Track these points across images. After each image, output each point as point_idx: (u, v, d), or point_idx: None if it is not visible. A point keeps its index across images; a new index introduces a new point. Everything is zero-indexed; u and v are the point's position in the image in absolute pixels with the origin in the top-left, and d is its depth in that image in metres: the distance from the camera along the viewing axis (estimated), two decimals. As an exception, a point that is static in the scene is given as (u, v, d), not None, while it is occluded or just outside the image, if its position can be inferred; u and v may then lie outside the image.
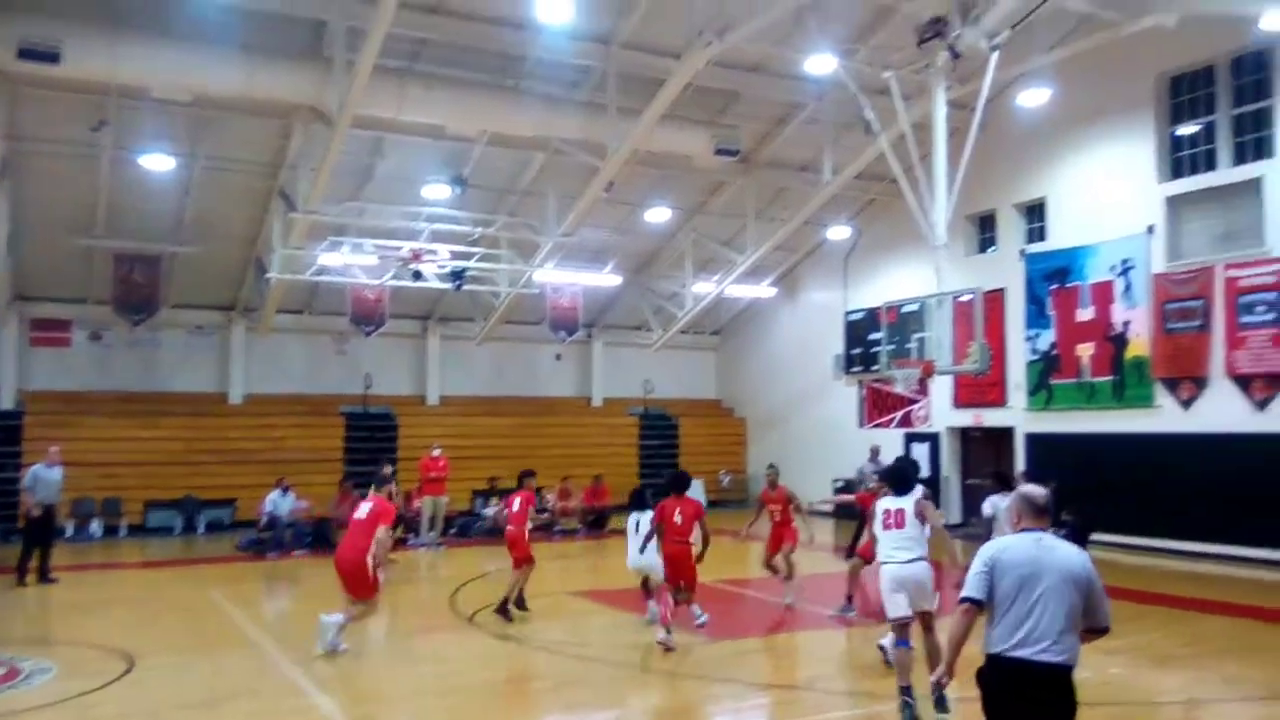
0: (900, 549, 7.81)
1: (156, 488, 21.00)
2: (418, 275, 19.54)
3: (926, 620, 7.76)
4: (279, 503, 18.48)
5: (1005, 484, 11.75)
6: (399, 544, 19.11)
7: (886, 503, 8.09)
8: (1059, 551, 4.69)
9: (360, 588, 9.78)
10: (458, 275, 19.88)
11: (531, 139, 18.45)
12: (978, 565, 4.74)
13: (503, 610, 11.39)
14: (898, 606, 7.67)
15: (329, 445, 22.74)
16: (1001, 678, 4.56)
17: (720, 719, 7.97)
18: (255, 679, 8.94)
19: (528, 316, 24.94)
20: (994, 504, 11.49)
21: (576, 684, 8.88)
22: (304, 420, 23.01)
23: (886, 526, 7.95)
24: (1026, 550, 4.68)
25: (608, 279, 24.25)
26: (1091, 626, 4.68)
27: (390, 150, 18.66)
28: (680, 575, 10.32)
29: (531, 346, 26.48)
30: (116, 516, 20.49)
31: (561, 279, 23.47)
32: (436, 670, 9.47)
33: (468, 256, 20.08)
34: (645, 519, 10.72)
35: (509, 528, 11.89)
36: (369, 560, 9.72)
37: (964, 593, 4.73)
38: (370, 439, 22.99)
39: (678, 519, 10.24)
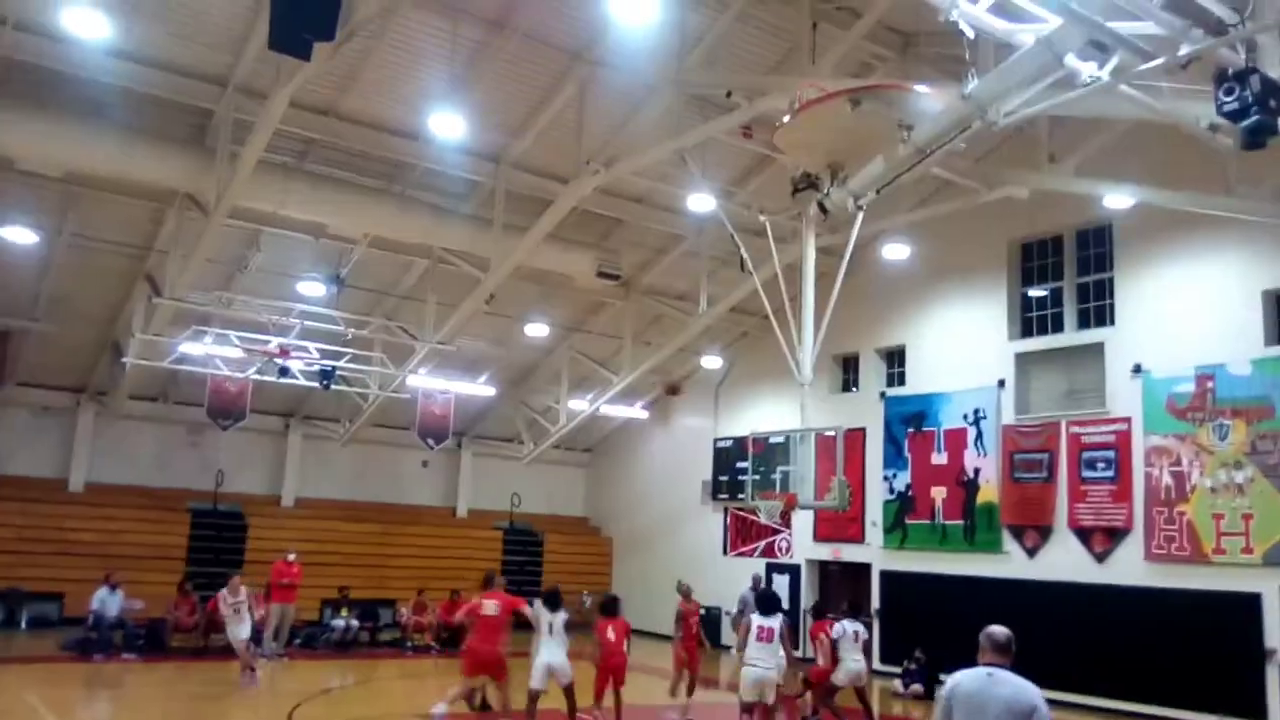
0: (765, 656, 10.77)
1: (-25, 577, 19.47)
2: (285, 371, 19.06)
3: (769, 712, 10.83)
4: (106, 600, 17.38)
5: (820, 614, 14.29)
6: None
7: (759, 620, 10.98)
8: (1007, 686, 5.23)
9: (502, 672, 11.38)
10: (327, 374, 19.49)
11: (415, 245, 18.48)
12: (941, 699, 5.37)
13: None
14: (749, 695, 10.66)
15: (172, 542, 21.57)
16: None
17: None
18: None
19: (396, 421, 24.49)
20: (842, 627, 13.52)
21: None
22: (147, 514, 21.79)
23: (759, 638, 10.80)
24: (978, 683, 5.29)
25: (482, 389, 24.13)
26: None
27: (267, 243, 18.37)
28: (618, 683, 11.87)
29: (397, 451, 25.92)
30: (-74, 607, 18.87)
31: (435, 386, 23.22)
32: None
33: (339, 356, 19.74)
34: (559, 620, 11.55)
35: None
36: (501, 650, 11.29)
37: None
38: (217, 538, 21.93)
39: (610, 635, 11.88)
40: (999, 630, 5.59)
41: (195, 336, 18.98)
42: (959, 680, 5.34)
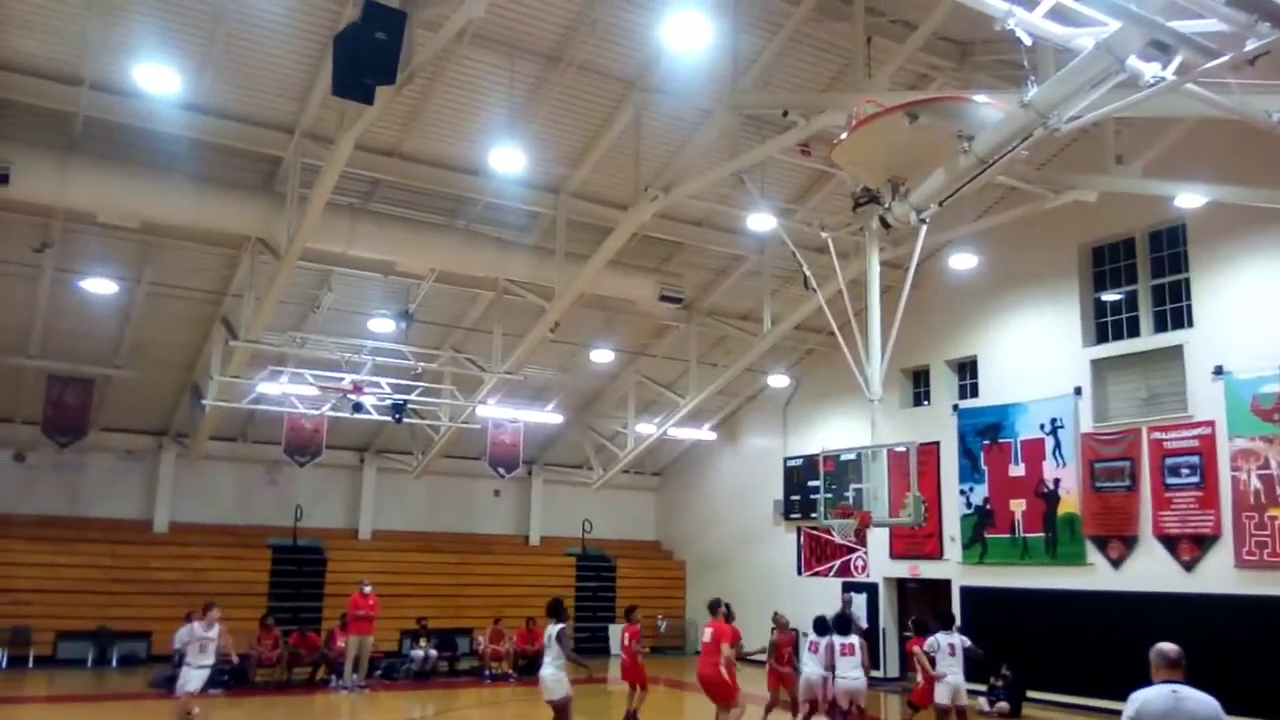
0: (854, 670, 12.92)
1: (69, 617, 20.11)
2: (358, 407, 19.39)
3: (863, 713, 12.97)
4: (188, 638, 17.70)
5: (922, 629, 13.80)
6: (320, 685, 18.44)
7: (839, 640, 13.19)
8: (1191, 702, 5.45)
9: (725, 694, 12.21)
10: (399, 408, 19.78)
11: (481, 278, 18.74)
12: (1124, 717, 5.51)
13: None
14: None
15: (254, 578, 22.04)
16: None
17: None
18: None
19: (467, 451, 24.76)
20: (936, 641, 13.20)
21: None
22: (229, 551, 22.33)
23: (843, 654, 12.96)
24: (1165, 701, 5.47)
25: (550, 417, 24.29)
26: None
27: (337, 283, 18.77)
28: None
29: (469, 481, 26.20)
30: (25, 646, 19.48)
31: (503, 415, 23.45)
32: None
33: (409, 390, 20.05)
34: (553, 633, 11.78)
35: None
36: (723, 672, 12.04)
37: None
38: (298, 573, 22.37)
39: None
40: (1170, 647, 5.71)
41: (271, 376, 19.40)
42: (1146, 699, 5.53)
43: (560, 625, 11.58)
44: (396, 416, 19.79)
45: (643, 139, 15.60)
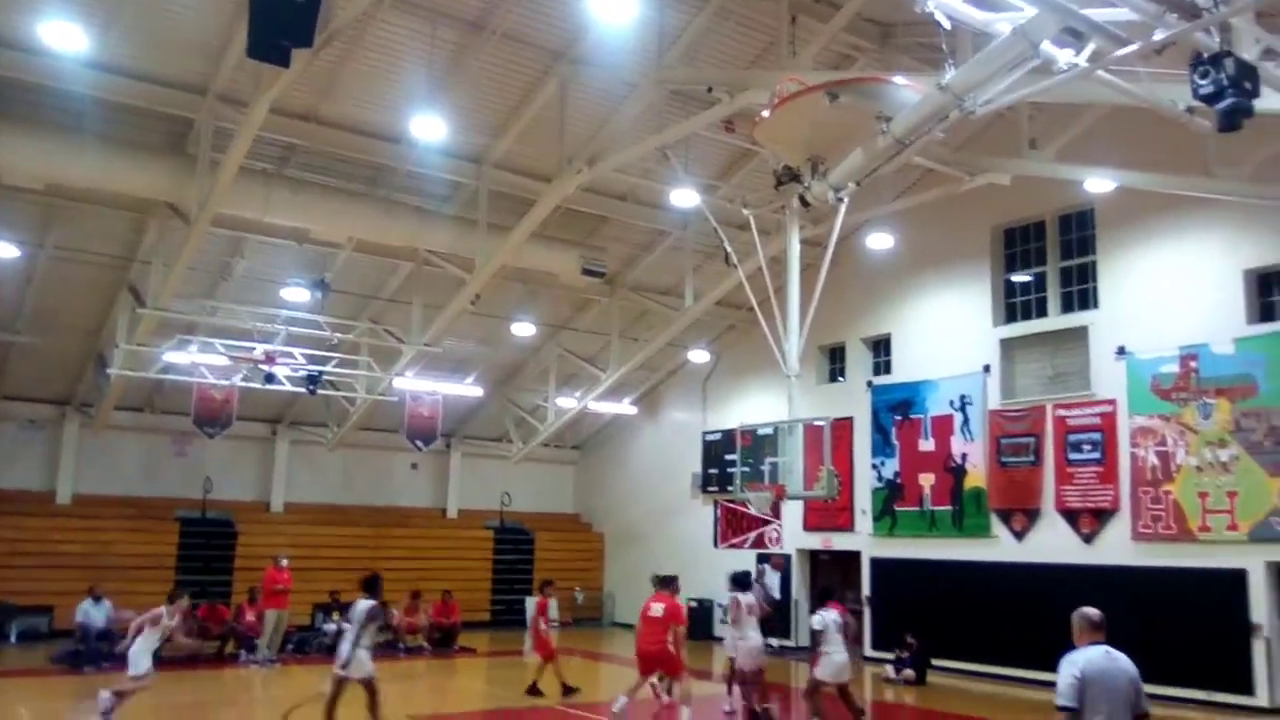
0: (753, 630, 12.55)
1: (-36, 592, 19.38)
2: (270, 378, 19.01)
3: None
4: (91, 612, 17.32)
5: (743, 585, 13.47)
6: (230, 660, 18.13)
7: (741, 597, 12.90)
8: (1121, 660, 5.97)
9: (673, 668, 12.00)
10: (313, 380, 19.45)
11: (400, 248, 18.47)
12: (1068, 678, 5.87)
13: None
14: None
15: (161, 551, 21.48)
16: None
17: None
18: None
19: (384, 423, 24.47)
20: (822, 618, 12.15)
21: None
22: (136, 524, 21.70)
23: (749, 613, 12.59)
24: (1103, 660, 5.93)
25: (469, 390, 24.13)
26: (1138, 714, 5.92)
27: (250, 250, 18.32)
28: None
29: (386, 454, 25.90)
30: (-83, 623, 18.76)
31: (422, 388, 23.20)
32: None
33: (325, 361, 19.71)
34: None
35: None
36: (670, 647, 11.70)
37: (1062, 702, 5.88)
38: (207, 546, 21.88)
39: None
40: (1093, 611, 6.16)
41: (180, 345, 18.90)
42: (1088, 659, 5.92)
43: (372, 602, 10.91)
44: (311, 388, 19.45)
45: (568, 111, 15.51)
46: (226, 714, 11.48)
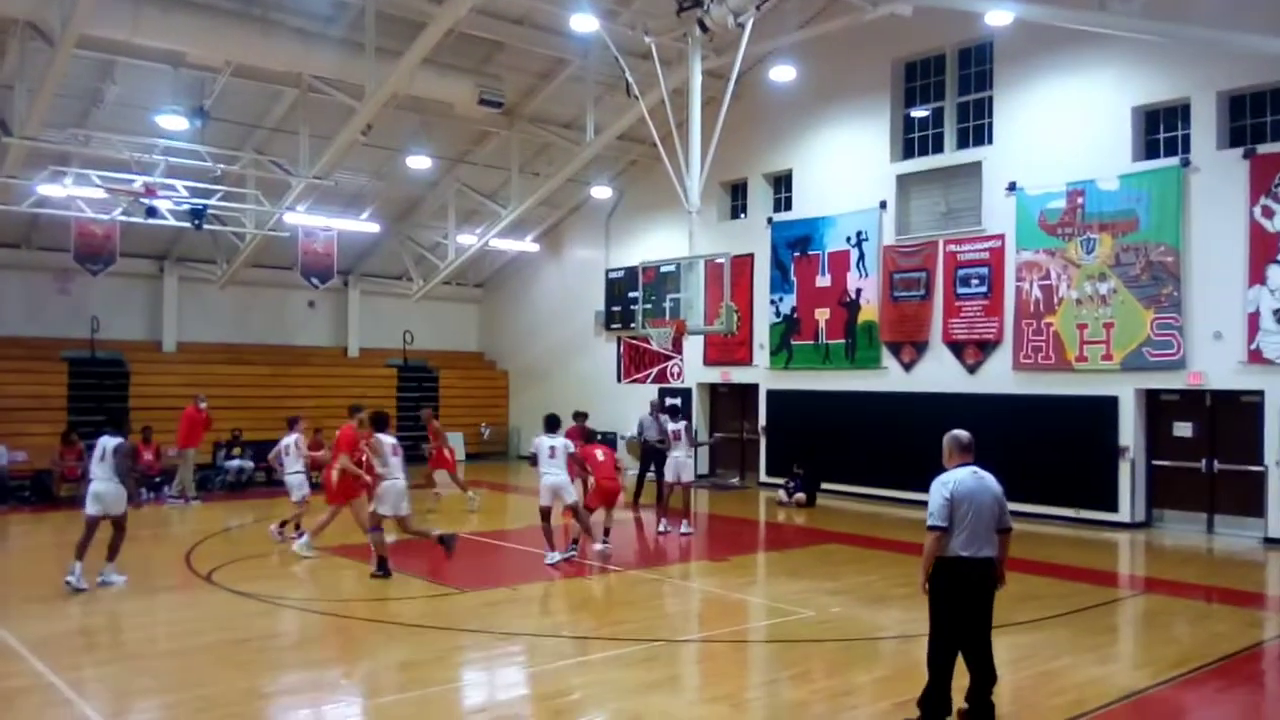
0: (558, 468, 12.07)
1: None
2: (152, 211, 18.15)
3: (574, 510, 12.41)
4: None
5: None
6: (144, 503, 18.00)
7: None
8: (987, 480, 6.29)
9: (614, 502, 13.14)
10: (198, 214, 18.65)
11: (283, 73, 17.51)
12: (939, 499, 6.16)
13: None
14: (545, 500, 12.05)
15: (51, 392, 20.86)
16: (959, 572, 6.15)
17: (465, 669, 8.07)
18: (-46, 647, 8.21)
19: (278, 261, 23.78)
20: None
21: (318, 640, 8.74)
22: (21, 365, 20.93)
23: (550, 456, 12.06)
24: (972, 480, 6.24)
25: (365, 226, 23.51)
26: (1001, 528, 6.30)
27: (122, 75, 17.16)
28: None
29: (281, 292, 25.30)
30: None
31: (314, 223, 22.49)
32: (169, 630, 9.05)
33: (209, 194, 18.88)
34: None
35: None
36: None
37: (933, 522, 6.18)
38: (98, 386, 21.31)
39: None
40: (963, 433, 6.47)
41: (54, 178, 17.87)
42: (956, 480, 6.21)
43: (119, 439, 10.91)
44: (196, 222, 18.69)
45: (459, -75, 14.62)
46: (129, 550, 11.45)
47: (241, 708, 6.73)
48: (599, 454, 12.99)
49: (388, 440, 11.50)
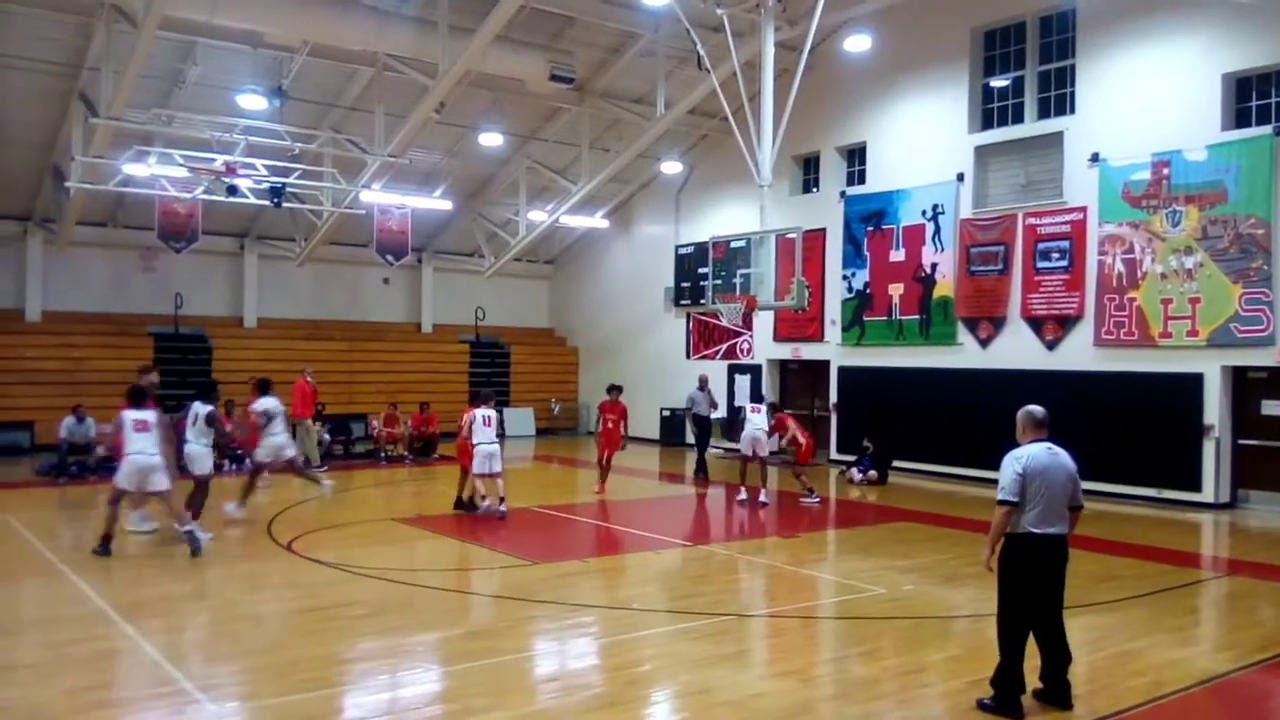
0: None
1: (-56, 408, 19.54)
2: (233, 190, 18.57)
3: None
4: (74, 430, 17.54)
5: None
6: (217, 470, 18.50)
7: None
8: (1061, 456, 6.18)
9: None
10: (277, 192, 19.01)
11: (358, 52, 17.74)
12: (1010, 474, 6.06)
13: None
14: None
15: (136, 367, 21.46)
16: (1029, 549, 6.07)
17: (537, 639, 8.18)
18: (57, 606, 8.58)
19: (354, 238, 24.21)
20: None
21: (395, 609, 8.92)
22: (108, 340, 21.73)
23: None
24: (1046, 456, 6.12)
25: (438, 203, 23.76)
26: (1073, 505, 6.21)
27: (202, 55, 17.55)
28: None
29: (357, 269, 25.78)
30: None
31: (389, 201, 22.82)
32: (251, 598, 9.33)
33: (288, 173, 19.25)
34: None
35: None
36: None
37: (1003, 496, 6.07)
38: (182, 361, 21.97)
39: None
40: (1037, 409, 6.34)
41: (138, 157, 18.38)
42: (1030, 455, 6.11)
43: (210, 408, 11.85)
44: (275, 200, 19.06)
45: (530, -99, 14.62)
46: (211, 520, 11.87)
47: (320, 673, 6.91)
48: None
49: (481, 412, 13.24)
